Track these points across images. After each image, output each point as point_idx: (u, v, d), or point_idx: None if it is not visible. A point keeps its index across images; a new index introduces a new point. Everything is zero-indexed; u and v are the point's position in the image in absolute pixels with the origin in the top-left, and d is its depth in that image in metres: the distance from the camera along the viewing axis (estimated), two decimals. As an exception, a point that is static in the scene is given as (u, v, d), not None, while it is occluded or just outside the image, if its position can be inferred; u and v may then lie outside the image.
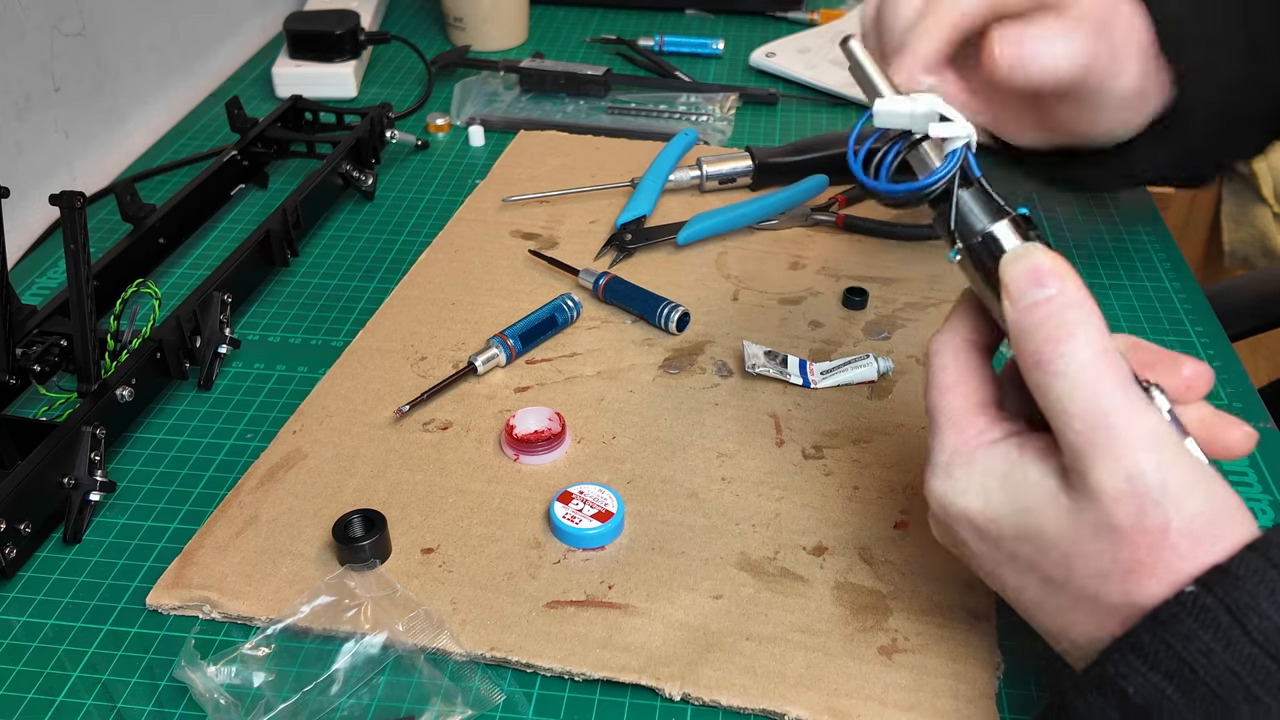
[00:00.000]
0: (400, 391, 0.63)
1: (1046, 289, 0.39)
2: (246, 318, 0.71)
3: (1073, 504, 0.39)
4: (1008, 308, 0.40)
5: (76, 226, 0.55)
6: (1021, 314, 0.40)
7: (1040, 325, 0.39)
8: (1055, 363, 0.38)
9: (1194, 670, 0.35)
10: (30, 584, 0.53)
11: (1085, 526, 0.38)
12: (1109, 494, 0.37)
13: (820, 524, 0.55)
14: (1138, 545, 0.37)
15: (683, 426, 0.61)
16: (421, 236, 0.80)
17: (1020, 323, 0.40)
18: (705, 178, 0.82)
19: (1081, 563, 0.39)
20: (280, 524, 0.55)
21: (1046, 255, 0.40)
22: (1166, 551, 0.37)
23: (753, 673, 0.47)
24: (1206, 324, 0.69)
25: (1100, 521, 0.38)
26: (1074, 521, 0.38)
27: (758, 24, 1.17)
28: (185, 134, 0.95)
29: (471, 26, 1.10)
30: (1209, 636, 0.35)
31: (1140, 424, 0.38)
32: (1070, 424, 0.38)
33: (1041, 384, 0.39)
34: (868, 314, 0.70)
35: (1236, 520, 0.38)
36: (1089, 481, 0.38)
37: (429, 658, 0.48)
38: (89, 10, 0.86)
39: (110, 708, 0.47)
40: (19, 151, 0.81)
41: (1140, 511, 0.37)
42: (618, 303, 0.70)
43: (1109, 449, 0.37)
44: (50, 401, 0.61)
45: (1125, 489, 0.37)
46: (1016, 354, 0.40)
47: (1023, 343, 0.40)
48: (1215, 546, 0.37)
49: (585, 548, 0.53)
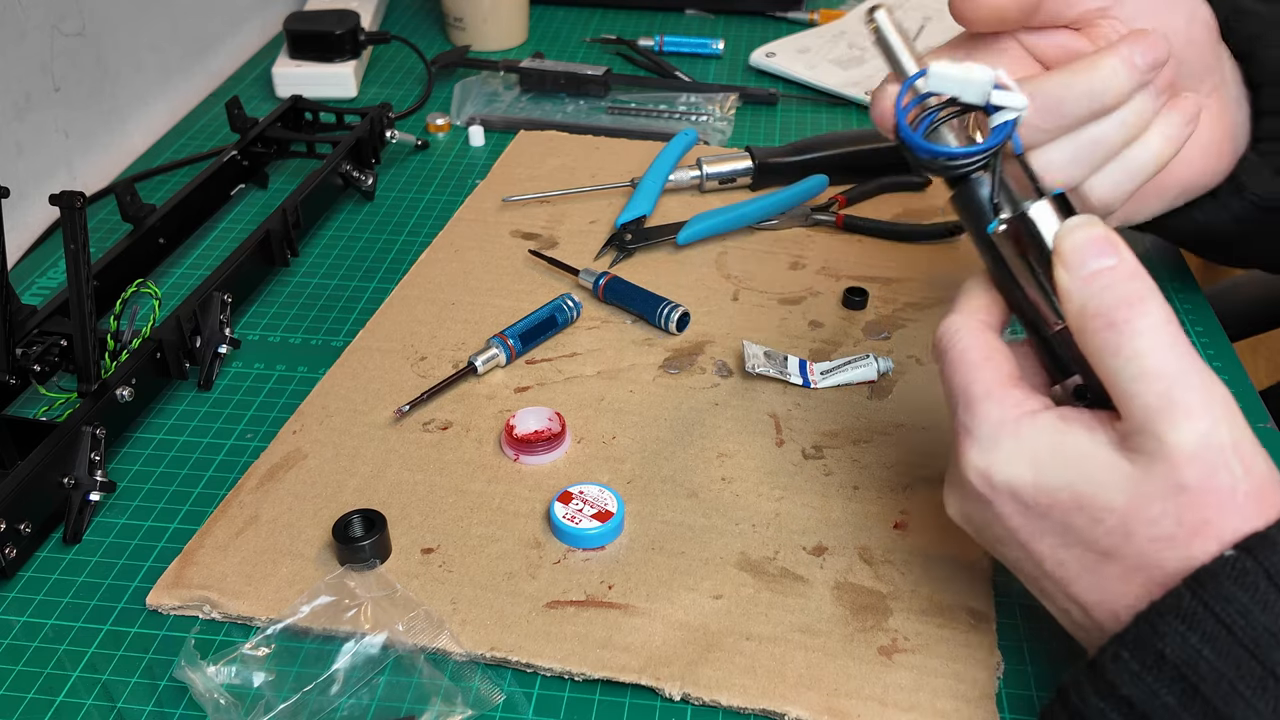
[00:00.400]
0: (400, 391, 0.63)
1: (1108, 259, 0.40)
2: (246, 318, 0.71)
3: (1136, 469, 0.39)
4: (1065, 277, 0.41)
5: (76, 226, 0.55)
6: (1086, 280, 0.40)
7: (1109, 289, 0.40)
8: (1133, 322, 0.39)
9: (1231, 631, 0.36)
10: (30, 584, 0.53)
11: (1151, 490, 0.38)
12: (1184, 453, 0.37)
13: (820, 524, 0.55)
14: (1206, 505, 0.37)
15: (683, 426, 0.61)
16: (421, 236, 0.80)
17: (1084, 289, 0.40)
18: (705, 178, 0.82)
19: (1144, 527, 0.38)
20: (280, 524, 0.55)
21: (1104, 227, 0.41)
22: (1233, 514, 0.37)
23: (753, 673, 0.47)
24: (1206, 324, 0.69)
25: (1169, 483, 0.38)
26: (1138, 487, 0.38)
27: (758, 24, 1.17)
28: (185, 134, 0.95)
29: (471, 26, 1.10)
30: (1247, 598, 0.36)
31: (1219, 387, 0.39)
32: (1149, 384, 0.38)
33: (1112, 344, 0.39)
34: (868, 314, 0.70)
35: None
36: (1165, 441, 0.38)
37: (429, 658, 0.48)
38: (89, 10, 0.86)
39: (110, 708, 0.47)
40: (19, 151, 0.81)
41: (1212, 471, 0.37)
42: (618, 303, 0.70)
43: (1188, 408, 0.38)
44: (50, 401, 0.61)
45: (1199, 448, 0.37)
46: (1077, 320, 0.40)
47: (1090, 306, 0.40)
48: (1272, 512, 0.37)
49: (585, 548, 0.53)
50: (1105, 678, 0.38)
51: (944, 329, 0.45)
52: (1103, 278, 0.40)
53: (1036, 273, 0.43)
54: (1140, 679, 0.37)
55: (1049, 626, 0.47)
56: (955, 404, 0.44)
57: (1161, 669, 0.37)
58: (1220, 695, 0.36)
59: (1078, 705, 0.39)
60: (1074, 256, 0.41)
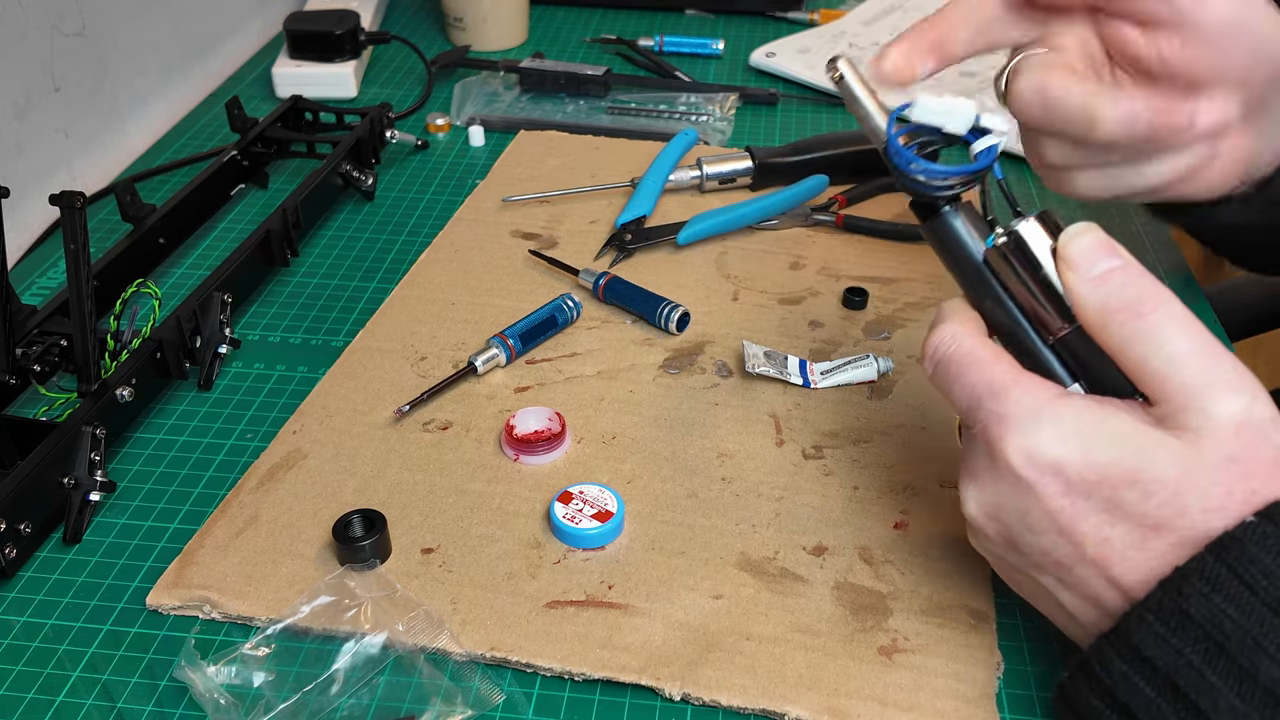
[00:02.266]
0: (400, 391, 0.63)
1: (1115, 260, 0.42)
2: (246, 318, 0.71)
3: (1184, 444, 0.39)
4: (1076, 279, 0.42)
5: (76, 226, 0.55)
6: (1099, 280, 0.42)
7: (1129, 285, 0.41)
8: (1159, 311, 0.41)
9: (1254, 591, 0.37)
10: (30, 584, 0.53)
11: (1204, 462, 0.39)
12: (1230, 425, 0.39)
13: (820, 524, 0.55)
14: (1254, 475, 0.39)
15: (683, 426, 0.61)
16: (421, 236, 0.80)
17: (1100, 288, 0.42)
18: (705, 178, 0.82)
19: (1197, 499, 0.39)
20: (280, 524, 0.55)
21: (1103, 232, 0.43)
22: (1276, 482, 0.39)
23: (753, 673, 0.47)
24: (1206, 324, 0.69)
25: (1220, 455, 0.39)
26: (1191, 460, 0.39)
27: (758, 24, 1.17)
28: (185, 134, 0.95)
29: (471, 26, 1.10)
30: (1270, 560, 0.37)
31: (1245, 368, 0.40)
32: (1188, 363, 0.40)
33: (1143, 332, 0.41)
34: (868, 314, 0.70)
35: None
36: (1211, 415, 0.39)
37: (429, 658, 0.48)
38: (89, 10, 0.86)
39: (110, 708, 0.47)
40: (19, 151, 0.81)
41: (1257, 443, 0.39)
42: (618, 303, 0.70)
43: (1230, 383, 0.40)
44: (50, 401, 0.61)
45: (1245, 421, 0.39)
46: (1098, 316, 0.41)
47: (1112, 301, 0.41)
48: None
49: (585, 548, 0.53)
50: (1130, 642, 0.39)
51: (938, 337, 0.45)
52: (1116, 276, 0.42)
53: (1031, 286, 0.44)
54: (1165, 641, 0.38)
55: (1049, 626, 0.47)
56: (978, 398, 0.43)
57: (1186, 629, 0.38)
58: (1245, 651, 0.37)
59: (1100, 674, 0.40)
60: (1083, 260, 0.42)
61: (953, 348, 0.44)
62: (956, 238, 0.46)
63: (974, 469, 0.44)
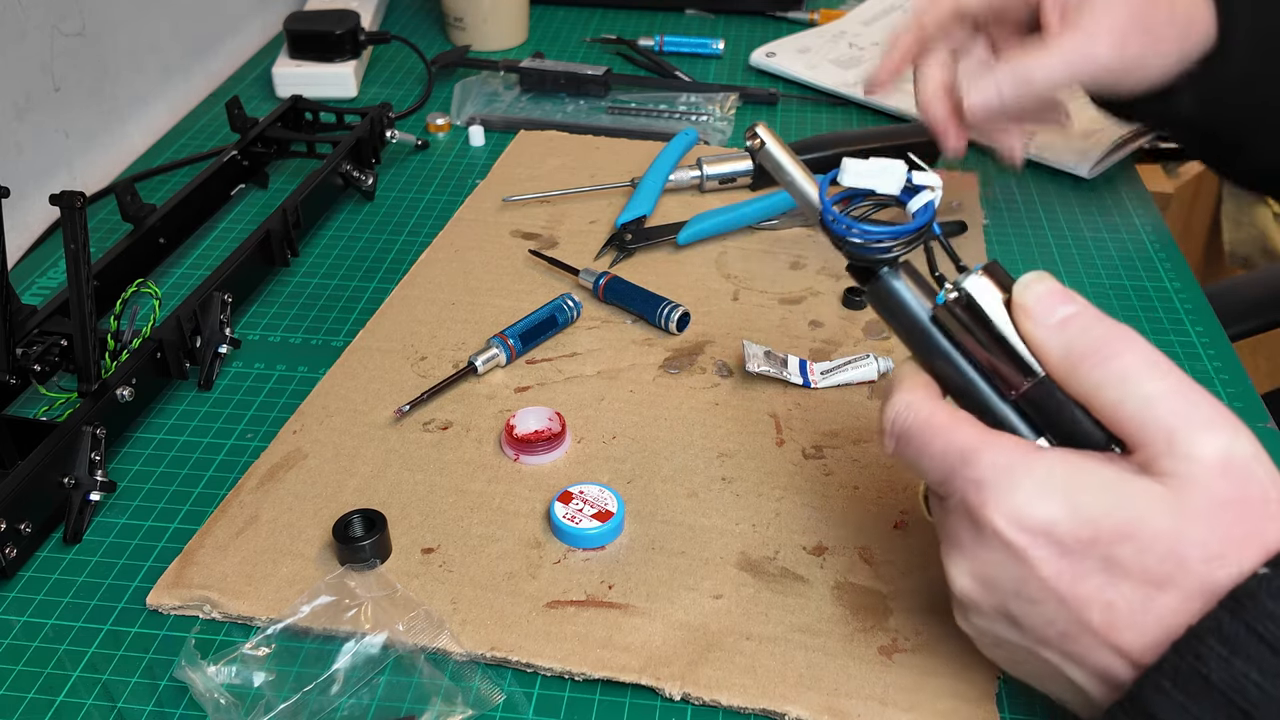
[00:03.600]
0: (400, 391, 0.63)
1: (1071, 306, 0.41)
2: (246, 318, 0.71)
3: (1171, 491, 0.38)
4: (1035, 328, 0.41)
5: (76, 226, 0.55)
6: (1059, 327, 0.40)
7: (1089, 329, 0.40)
8: (1125, 354, 0.39)
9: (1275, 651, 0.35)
10: (30, 584, 0.53)
11: (1194, 509, 0.37)
12: (1215, 467, 0.37)
13: (820, 524, 0.55)
14: (1247, 518, 0.37)
15: (683, 426, 0.61)
16: (421, 236, 0.80)
17: (1061, 335, 0.40)
18: (705, 178, 0.82)
19: (1195, 549, 0.37)
20: (280, 524, 0.55)
21: (1055, 280, 0.42)
22: (1271, 522, 0.37)
23: (753, 672, 0.47)
24: (1206, 324, 0.69)
25: (1208, 500, 0.37)
26: (1180, 507, 0.37)
27: (758, 24, 1.17)
28: (185, 134, 0.95)
29: (471, 26, 1.10)
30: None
31: (1220, 403, 0.39)
32: (1162, 405, 0.38)
33: (1112, 377, 0.39)
34: (868, 314, 0.70)
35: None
36: (1194, 457, 0.37)
37: (429, 658, 0.48)
38: (89, 10, 0.86)
39: (110, 708, 0.47)
40: (19, 151, 0.81)
41: (1244, 483, 0.37)
42: (618, 303, 0.70)
43: (1207, 422, 0.38)
44: (50, 401, 0.61)
45: (1228, 461, 0.37)
46: (1063, 364, 0.40)
47: (1076, 348, 0.40)
48: None
49: (585, 548, 0.53)
50: (1147, 711, 0.37)
51: (894, 409, 0.43)
52: (1075, 321, 0.40)
53: (985, 341, 0.42)
54: (1185, 709, 0.36)
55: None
56: (949, 467, 0.41)
57: (1208, 695, 0.35)
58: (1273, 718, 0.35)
59: None
60: (1040, 307, 0.41)
61: (910, 417, 0.42)
62: (899, 299, 0.44)
63: (958, 541, 0.42)
